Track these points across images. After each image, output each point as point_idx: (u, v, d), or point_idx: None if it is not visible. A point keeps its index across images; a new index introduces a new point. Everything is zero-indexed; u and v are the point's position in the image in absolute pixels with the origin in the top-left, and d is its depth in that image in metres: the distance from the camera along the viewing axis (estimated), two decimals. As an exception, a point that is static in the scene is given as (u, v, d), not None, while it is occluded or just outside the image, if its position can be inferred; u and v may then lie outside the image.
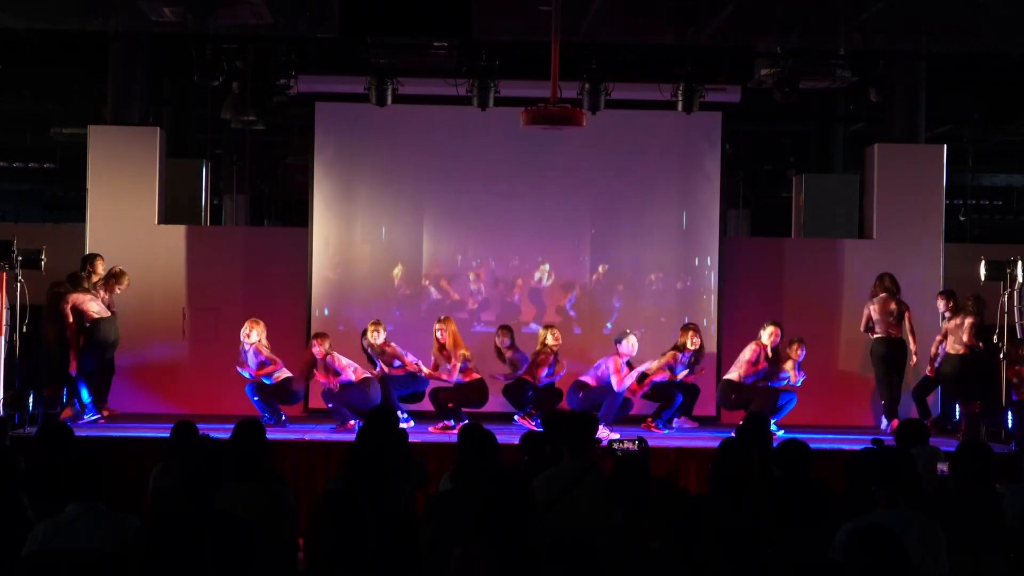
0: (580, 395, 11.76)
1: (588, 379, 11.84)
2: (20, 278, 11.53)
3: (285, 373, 11.98)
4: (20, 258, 11.50)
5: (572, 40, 11.86)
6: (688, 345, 12.10)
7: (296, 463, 10.23)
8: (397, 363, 11.91)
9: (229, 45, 12.58)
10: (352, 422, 11.53)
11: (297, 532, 6.40)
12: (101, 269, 12.44)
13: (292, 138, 17.65)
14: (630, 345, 11.81)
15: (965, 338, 12.36)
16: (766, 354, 11.96)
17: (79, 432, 9.09)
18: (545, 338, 12.06)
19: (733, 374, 12.03)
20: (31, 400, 11.31)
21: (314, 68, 13.43)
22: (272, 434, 8.36)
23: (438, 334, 11.89)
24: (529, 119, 10.63)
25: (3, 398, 11.21)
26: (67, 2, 12.04)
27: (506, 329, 12.39)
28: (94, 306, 12.02)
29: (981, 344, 12.32)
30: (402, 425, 11.44)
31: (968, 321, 12.35)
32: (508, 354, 12.24)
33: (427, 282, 13.59)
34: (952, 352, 12.43)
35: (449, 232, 13.68)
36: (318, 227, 13.54)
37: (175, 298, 13.25)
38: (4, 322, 11.39)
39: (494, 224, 13.66)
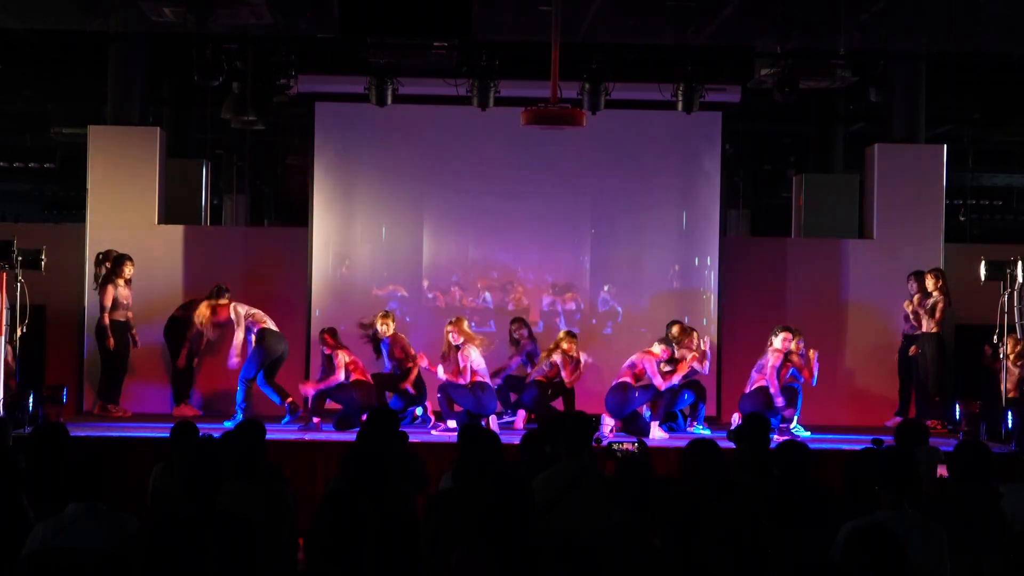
0: (631, 394, 11.71)
1: (627, 379, 11.81)
2: (20, 278, 11.53)
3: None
4: (20, 258, 11.49)
5: (572, 40, 11.86)
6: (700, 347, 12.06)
7: (296, 463, 10.22)
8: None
9: (229, 45, 12.57)
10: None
11: (296, 532, 6.41)
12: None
13: (292, 138, 17.65)
14: (661, 347, 11.85)
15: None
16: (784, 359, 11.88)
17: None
18: (560, 342, 12.11)
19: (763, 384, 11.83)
20: (31, 400, 11.31)
21: (314, 68, 13.42)
22: (272, 434, 8.36)
23: (450, 336, 11.85)
24: (529, 119, 10.62)
25: (3, 398, 11.20)
26: (67, 2, 12.04)
27: (521, 321, 12.44)
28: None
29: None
30: (437, 432, 11.52)
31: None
32: (526, 345, 12.29)
33: (427, 282, 13.60)
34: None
35: (449, 232, 13.68)
36: (318, 227, 13.54)
37: (175, 298, 13.23)
38: (4, 322, 11.39)
39: (494, 224, 13.66)
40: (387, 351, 11.97)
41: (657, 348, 11.84)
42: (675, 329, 12.05)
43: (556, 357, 12.03)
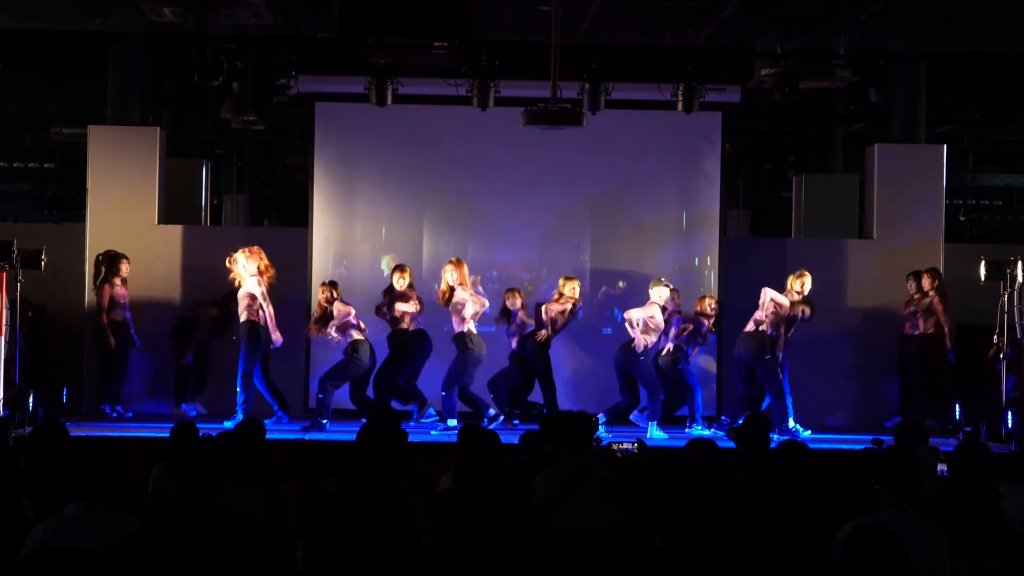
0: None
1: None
2: (20, 278, 11.53)
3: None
4: (20, 258, 11.50)
5: (572, 40, 11.87)
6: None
7: (296, 463, 10.22)
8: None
9: (229, 45, 12.58)
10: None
11: (295, 532, 6.41)
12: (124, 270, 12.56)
13: (292, 138, 17.67)
14: (659, 295, 11.88)
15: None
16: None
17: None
18: (563, 288, 12.08)
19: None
20: (31, 400, 11.31)
21: (314, 68, 13.43)
22: (272, 434, 8.37)
23: (447, 275, 11.86)
24: (529, 119, 10.63)
25: (3, 398, 11.21)
26: (67, 2, 12.04)
27: (516, 290, 12.36)
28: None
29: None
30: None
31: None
32: (521, 315, 12.23)
33: (427, 281, 13.59)
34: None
35: (449, 232, 13.68)
36: (318, 227, 13.54)
37: (175, 298, 13.23)
38: (4, 322, 11.39)
39: (494, 224, 13.67)
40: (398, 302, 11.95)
41: (656, 295, 11.91)
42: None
43: (565, 305, 12.04)
